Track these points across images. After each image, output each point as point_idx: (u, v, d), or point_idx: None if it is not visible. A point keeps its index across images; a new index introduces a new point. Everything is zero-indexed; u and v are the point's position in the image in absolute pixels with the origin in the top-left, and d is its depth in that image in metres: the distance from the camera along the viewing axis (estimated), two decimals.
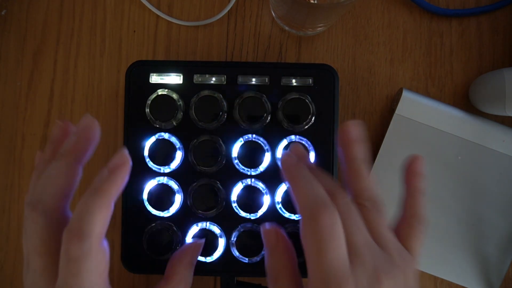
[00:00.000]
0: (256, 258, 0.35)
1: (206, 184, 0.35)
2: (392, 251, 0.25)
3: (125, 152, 0.27)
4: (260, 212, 0.35)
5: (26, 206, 0.26)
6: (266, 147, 0.35)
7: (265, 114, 0.35)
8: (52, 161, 0.27)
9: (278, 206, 0.35)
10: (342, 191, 0.27)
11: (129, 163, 0.27)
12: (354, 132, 0.29)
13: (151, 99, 0.35)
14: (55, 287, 0.24)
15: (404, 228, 0.28)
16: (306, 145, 0.35)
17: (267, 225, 0.30)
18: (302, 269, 0.27)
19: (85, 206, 0.24)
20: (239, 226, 0.35)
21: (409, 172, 0.30)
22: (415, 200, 0.29)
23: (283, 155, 0.29)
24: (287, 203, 0.35)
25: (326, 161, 0.35)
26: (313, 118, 0.35)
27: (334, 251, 0.23)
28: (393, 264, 0.25)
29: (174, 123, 0.35)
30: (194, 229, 0.35)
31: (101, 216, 0.24)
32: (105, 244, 0.25)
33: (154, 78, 0.36)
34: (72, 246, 0.23)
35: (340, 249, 0.23)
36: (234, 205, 0.35)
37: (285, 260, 0.28)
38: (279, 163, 0.35)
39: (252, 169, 0.35)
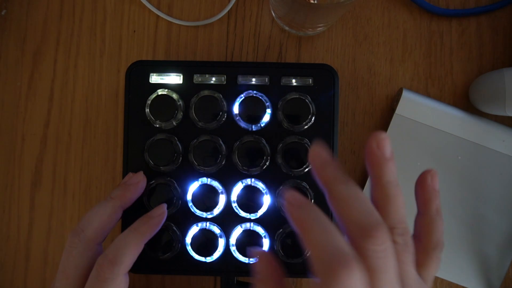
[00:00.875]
0: (256, 258, 0.35)
1: (206, 184, 0.35)
2: None
3: (164, 207, 0.33)
4: (260, 212, 0.35)
5: (71, 233, 0.31)
6: (266, 147, 0.35)
7: (264, 114, 0.35)
8: (102, 200, 0.33)
9: (278, 206, 0.35)
10: (381, 228, 0.22)
11: (165, 216, 0.33)
12: (387, 147, 0.24)
13: (151, 99, 0.35)
14: None
15: (422, 255, 0.26)
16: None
17: (254, 250, 0.27)
18: (300, 269, 0.27)
19: (124, 240, 0.30)
20: (239, 226, 0.35)
21: (425, 190, 0.27)
22: (433, 225, 0.26)
23: (286, 195, 0.24)
24: None
25: None
26: (313, 118, 0.35)
27: None
28: None
29: (174, 123, 0.35)
30: (194, 229, 0.35)
31: (134, 251, 0.30)
32: (127, 276, 0.31)
33: (154, 78, 0.36)
34: (104, 268, 0.29)
35: None
36: (234, 205, 0.35)
37: (274, 285, 0.24)
38: (282, 205, 0.34)
39: (252, 169, 0.35)
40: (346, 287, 0.20)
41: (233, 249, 0.35)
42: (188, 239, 0.35)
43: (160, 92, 0.35)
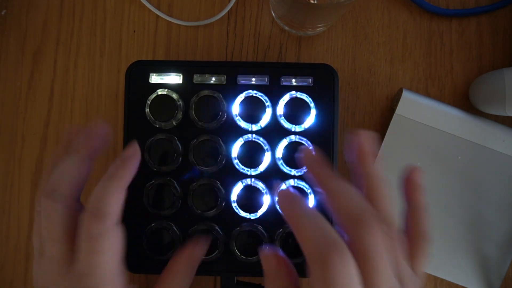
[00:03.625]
0: (256, 258, 0.35)
1: (206, 184, 0.35)
2: (409, 285, 0.24)
3: (136, 145, 0.30)
4: (260, 212, 0.35)
5: (42, 195, 0.27)
6: (266, 146, 0.35)
7: (264, 114, 0.35)
8: (64, 155, 0.29)
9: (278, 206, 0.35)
10: (370, 212, 0.24)
11: (139, 154, 0.30)
12: (367, 143, 0.27)
13: (151, 99, 0.35)
14: (74, 270, 0.26)
15: (410, 247, 0.27)
16: (308, 143, 0.35)
17: (266, 250, 0.27)
18: (300, 269, 0.27)
19: (102, 190, 0.27)
20: (239, 226, 0.35)
21: (409, 185, 0.28)
22: (418, 217, 0.27)
23: (279, 193, 0.26)
24: None
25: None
26: (313, 118, 0.35)
27: None
28: None
29: (174, 123, 0.35)
30: (194, 229, 0.35)
31: (117, 198, 0.27)
32: (120, 226, 0.27)
33: (154, 78, 0.36)
34: (92, 225, 0.25)
35: None
36: (234, 205, 0.35)
37: (287, 283, 0.26)
38: (276, 205, 0.34)
39: (252, 169, 0.35)
40: (339, 271, 0.21)
41: (233, 249, 0.35)
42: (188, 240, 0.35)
43: (160, 92, 0.35)
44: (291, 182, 0.35)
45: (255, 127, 0.35)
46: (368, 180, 0.26)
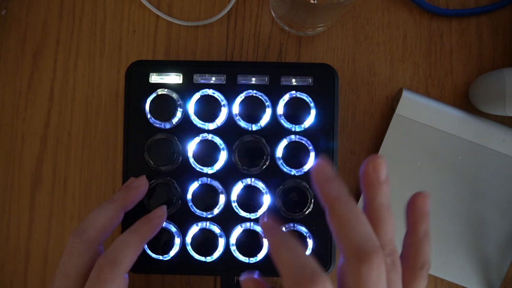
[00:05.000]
0: (256, 258, 0.35)
1: (206, 184, 0.35)
2: None
3: (165, 208, 0.34)
4: (260, 212, 0.35)
5: (72, 233, 0.31)
6: (266, 147, 0.35)
7: (264, 114, 0.35)
8: (104, 202, 0.33)
9: (278, 206, 0.35)
10: (379, 253, 0.23)
11: (164, 218, 0.34)
12: (383, 171, 0.25)
13: (151, 99, 0.35)
14: None
15: (408, 274, 0.26)
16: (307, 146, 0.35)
17: (244, 275, 0.28)
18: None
19: (124, 241, 0.30)
20: (239, 226, 0.35)
21: (415, 212, 0.27)
22: (421, 246, 0.27)
23: (262, 222, 0.26)
24: (287, 202, 0.35)
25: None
26: (313, 117, 0.35)
27: None
28: None
29: (174, 123, 0.35)
30: (194, 229, 0.35)
31: (134, 252, 0.30)
32: (127, 276, 0.31)
33: (154, 78, 0.36)
34: (104, 269, 0.29)
35: None
36: (234, 205, 0.35)
37: None
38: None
39: (252, 169, 0.35)
40: None
41: (233, 248, 0.35)
42: (188, 239, 0.35)
43: (160, 92, 0.35)
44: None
45: (255, 127, 0.35)
46: (374, 207, 0.25)
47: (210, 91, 0.35)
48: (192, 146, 0.35)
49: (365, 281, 0.22)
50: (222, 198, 0.35)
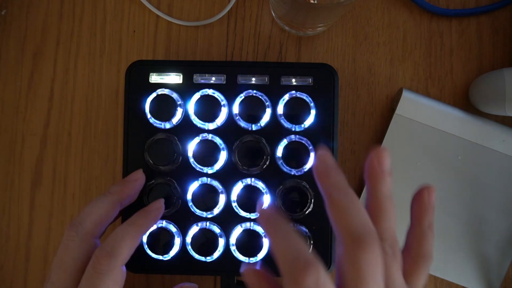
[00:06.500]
0: (256, 258, 0.35)
1: (206, 183, 0.35)
2: None
3: (162, 201, 0.34)
4: None
5: (68, 226, 0.31)
6: (266, 147, 0.35)
7: (264, 114, 0.35)
8: (100, 195, 0.33)
9: (278, 206, 0.35)
10: (374, 238, 0.23)
11: (162, 210, 0.33)
12: (387, 163, 0.25)
13: (151, 98, 0.35)
14: None
15: (410, 265, 0.26)
16: (306, 144, 0.35)
17: (245, 266, 0.27)
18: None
19: (121, 232, 0.30)
20: (239, 226, 0.35)
21: (420, 204, 0.27)
22: (425, 238, 0.27)
23: (259, 210, 0.27)
24: (287, 202, 0.35)
25: None
26: (313, 117, 0.35)
27: None
28: None
29: (174, 123, 0.35)
30: (194, 229, 0.35)
31: (131, 244, 0.30)
32: (125, 269, 0.31)
33: (154, 78, 0.36)
34: (101, 260, 0.28)
35: None
36: (234, 204, 0.35)
37: None
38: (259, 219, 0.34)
39: (252, 169, 0.35)
40: (308, 284, 0.22)
41: (233, 248, 0.35)
42: (188, 239, 0.35)
43: (160, 91, 0.35)
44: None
45: (255, 127, 0.35)
46: (377, 198, 0.25)
47: (210, 91, 0.35)
48: (192, 146, 0.35)
49: (360, 266, 0.22)
50: (222, 198, 0.35)
